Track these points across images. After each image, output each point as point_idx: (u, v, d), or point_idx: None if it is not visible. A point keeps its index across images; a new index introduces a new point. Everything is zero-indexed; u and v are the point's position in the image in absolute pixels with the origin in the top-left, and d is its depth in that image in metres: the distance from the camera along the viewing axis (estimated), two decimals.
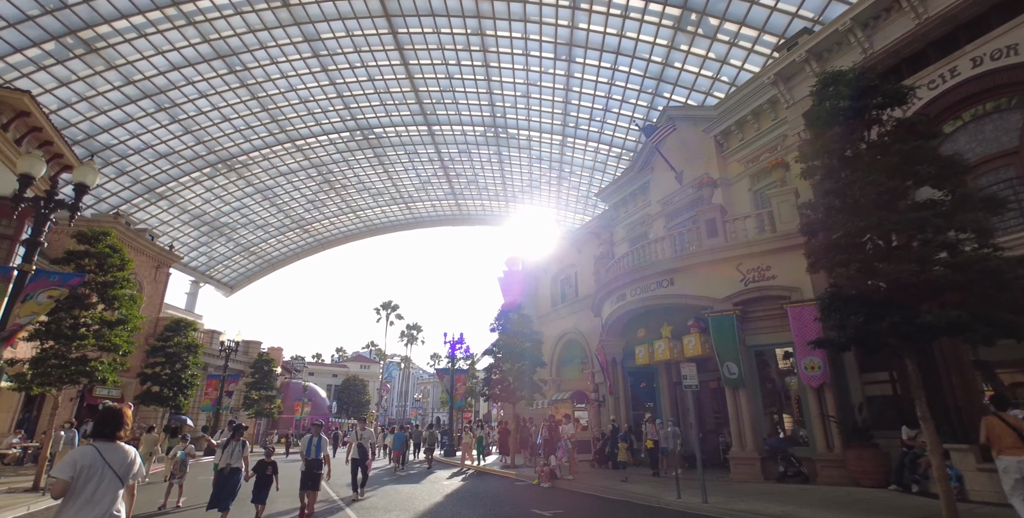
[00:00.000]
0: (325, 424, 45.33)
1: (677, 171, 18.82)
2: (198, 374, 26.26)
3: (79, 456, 3.30)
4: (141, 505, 9.96)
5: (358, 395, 72.28)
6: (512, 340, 19.41)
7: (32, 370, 11.93)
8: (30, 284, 8.89)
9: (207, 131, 30.25)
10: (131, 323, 13.34)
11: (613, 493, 11.45)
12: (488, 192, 42.97)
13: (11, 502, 9.64)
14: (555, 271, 29.44)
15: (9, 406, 18.55)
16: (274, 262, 49.14)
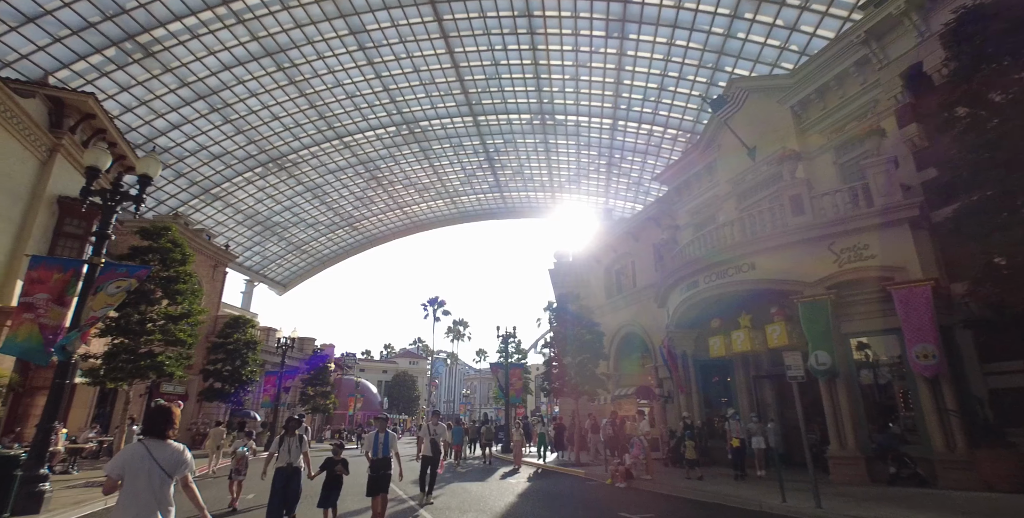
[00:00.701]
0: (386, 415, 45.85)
1: (749, 147, 17.45)
2: (257, 370, 26.65)
3: (127, 454, 3.46)
4: (211, 503, 9.71)
5: (408, 391, 73.07)
6: (572, 332, 18.57)
7: (104, 365, 11.98)
8: (100, 276, 8.73)
9: (258, 130, 30.67)
10: (194, 317, 13.29)
11: (702, 495, 10.49)
12: (534, 183, 42.14)
13: (89, 496, 9.58)
14: (609, 261, 28.35)
15: (85, 402, 19.13)
16: (324, 260, 49.94)
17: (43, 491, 7.56)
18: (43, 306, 8.21)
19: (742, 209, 17.62)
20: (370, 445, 7.77)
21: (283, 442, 7.26)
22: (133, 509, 3.30)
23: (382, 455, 7.67)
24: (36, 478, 7.50)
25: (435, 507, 9.51)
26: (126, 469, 3.38)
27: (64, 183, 16.89)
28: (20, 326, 8.02)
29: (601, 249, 28.58)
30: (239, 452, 9.78)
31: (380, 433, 7.81)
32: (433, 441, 10.13)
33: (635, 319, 24.40)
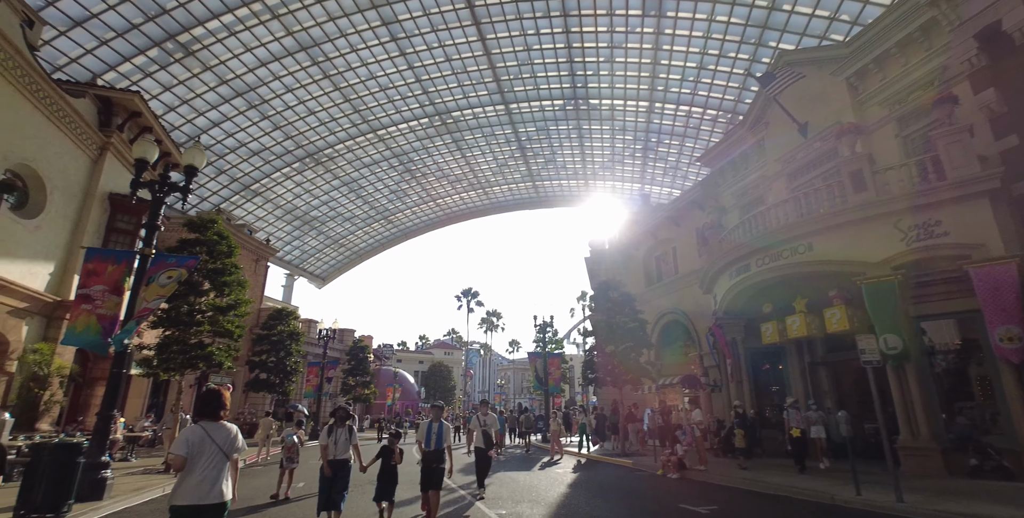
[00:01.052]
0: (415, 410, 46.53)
1: (800, 123, 16.53)
2: (300, 361, 27.20)
3: (189, 434, 3.72)
4: (255, 493, 9.81)
5: (444, 381, 73.85)
6: (614, 320, 18.13)
7: (157, 356, 12.25)
8: (151, 267, 8.82)
9: (294, 126, 31.04)
10: (241, 308, 13.47)
11: (763, 486, 10.00)
12: (567, 171, 41.49)
13: (148, 483, 9.80)
14: (648, 248, 27.66)
15: (140, 392, 19.85)
16: (361, 253, 50.62)
17: (105, 478, 7.71)
18: (99, 297, 8.36)
19: (793, 189, 16.76)
20: (424, 435, 7.27)
21: (332, 433, 6.82)
22: (196, 484, 3.60)
23: (435, 447, 7.16)
24: (98, 465, 7.66)
25: (487, 498, 9.33)
26: (190, 448, 3.66)
27: (114, 180, 17.40)
28: (79, 317, 8.19)
29: (639, 236, 27.90)
30: (288, 440, 9.63)
31: (435, 423, 7.30)
32: (485, 432, 9.53)
33: (677, 306, 23.74)
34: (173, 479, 10.52)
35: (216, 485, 3.65)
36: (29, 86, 13.35)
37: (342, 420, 7.01)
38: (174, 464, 3.67)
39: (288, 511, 7.81)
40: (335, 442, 6.75)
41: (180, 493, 3.59)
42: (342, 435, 6.85)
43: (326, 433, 6.83)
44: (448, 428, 7.39)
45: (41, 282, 14.02)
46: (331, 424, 6.98)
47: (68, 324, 8.22)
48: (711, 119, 30.30)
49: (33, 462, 6.24)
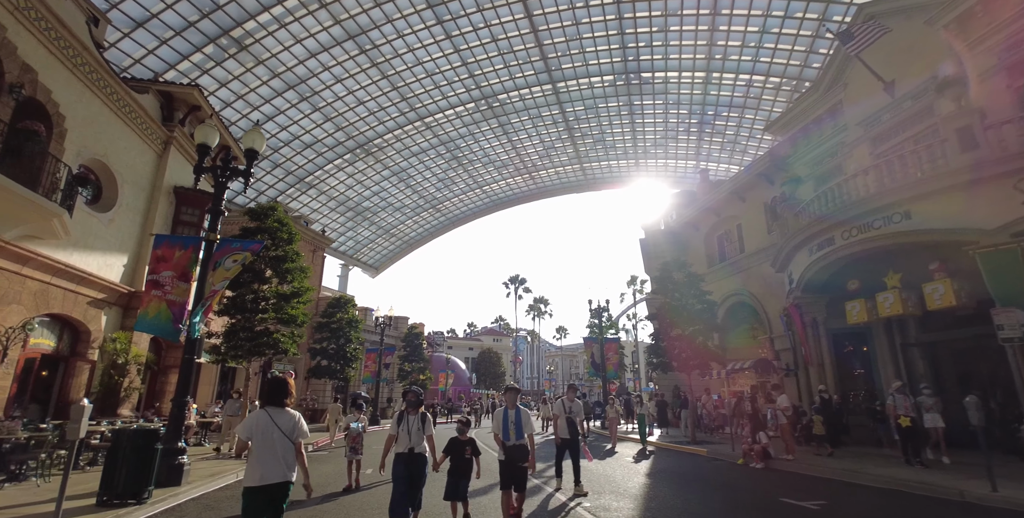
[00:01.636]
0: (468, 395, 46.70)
1: (886, 82, 14.94)
2: (359, 348, 27.65)
3: (254, 419, 3.94)
4: (326, 480, 9.72)
5: (493, 367, 74.30)
6: (680, 303, 17.21)
7: (224, 343, 12.42)
8: (217, 252, 8.74)
9: (344, 117, 31.28)
10: (304, 295, 13.50)
11: (869, 479, 9.06)
12: (616, 150, 40.15)
13: (222, 468, 9.90)
14: (709, 227, 26.30)
15: (209, 379, 20.58)
16: (411, 242, 51.18)
17: (182, 464, 7.73)
18: (168, 283, 8.37)
19: (878, 154, 15.24)
20: (500, 426, 6.11)
21: (402, 421, 5.76)
22: (262, 466, 3.80)
23: (516, 439, 6.00)
24: (175, 451, 7.68)
25: (563, 489, 8.86)
26: (254, 433, 3.88)
27: (178, 174, 17.85)
28: (150, 303, 8.23)
29: (699, 214, 26.56)
30: (353, 429, 9.13)
31: (511, 410, 6.17)
32: (570, 420, 8.31)
33: (743, 287, 22.45)
34: (244, 464, 10.68)
35: (280, 467, 3.86)
36: (97, 82, 13.68)
37: (414, 406, 5.88)
38: (236, 448, 4.14)
39: (362, 500, 7.60)
40: (408, 432, 5.67)
41: (250, 475, 3.84)
42: (415, 424, 5.72)
43: (396, 421, 5.83)
44: (527, 415, 6.30)
45: (116, 273, 14.52)
46: (402, 410, 5.90)
47: (140, 310, 8.27)
48: (774, 87, 28.34)
49: (114, 447, 6.23)
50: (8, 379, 10.87)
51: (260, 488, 3.77)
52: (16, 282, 11.08)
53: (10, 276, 10.91)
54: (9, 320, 10.86)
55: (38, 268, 11.60)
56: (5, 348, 10.71)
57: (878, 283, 13.49)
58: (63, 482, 5.24)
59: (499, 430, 6.14)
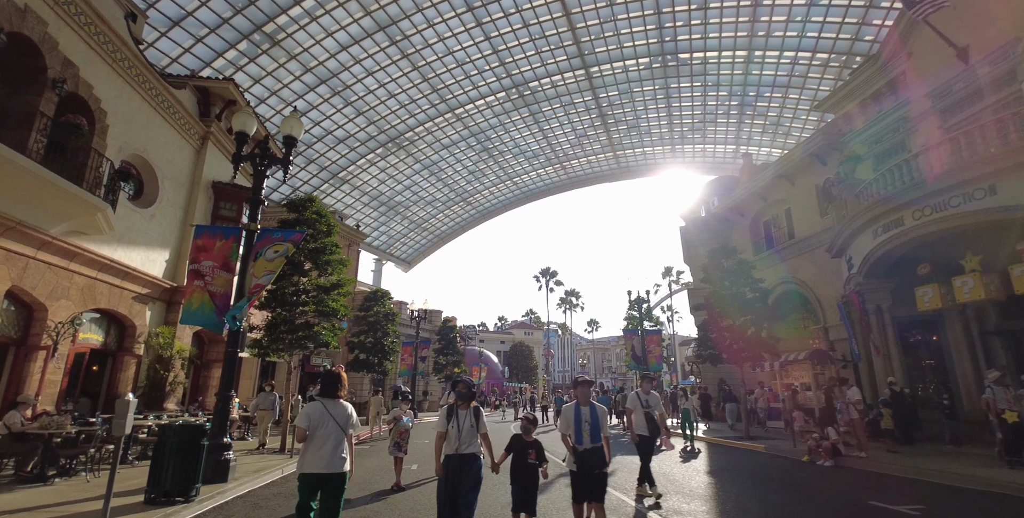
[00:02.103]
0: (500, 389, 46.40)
1: (959, 47, 13.70)
2: (396, 341, 27.62)
3: (311, 410, 4.14)
4: (371, 476, 9.43)
5: (525, 360, 73.94)
6: (730, 291, 16.36)
7: (266, 336, 12.29)
8: (258, 242, 8.49)
9: (376, 110, 31.16)
10: (345, 287, 13.28)
11: (965, 481, 8.20)
12: (651, 137, 38.96)
13: (267, 464, 9.74)
14: (755, 212, 25.14)
15: (250, 373, 20.78)
16: (443, 236, 51.16)
17: (228, 460, 7.52)
18: (210, 273, 8.16)
19: (951, 127, 14.03)
20: (572, 426, 5.05)
21: (452, 416, 4.86)
22: (318, 453, 4.00)
23: (591, 442, 4.94)
24: (221, 447, 7.47)
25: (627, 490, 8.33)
26: (311, 422, 4.08)
27: (216, 170, 17.92)
28: (192, 294, 8.03)
29: (744, 199, 25.41)
30: (401, 425, 8.36)
31: (584, 406, 5.09)
32: (648, 415, 7.33)
33: (793, 275, 21.34)
34: (288, 460, 10.56)
35: (336, 456, 4.05)
36: (136, 78, 13.70)
37: (466, 398, 4.94)
38: (296, 435, 4.13)
39: (413, 499, 7.23)
40: (458, 429, 4.77)
41: (306, 463, 4.04)
42: (466, 420, 4.81)
43: (444, 416, 4.89)
44: (604, 413, 5.19)
45: (159, 269, 14.62)
46: (451, 404, 4.99)
47: (184, 301, 8.09)
48: (821, 64, 26.80)
49: (160, 444, 6.01)
50: (59, 373, 10.97)
51: (317, 476, 4.00)
52: (64, 277, 11.16)
53: (58, 272, 10.99)
54: (58, 315, 10.94)
55: (85, 263, 11.67)
56: (55, 343, 10.80)
57: (953, 266, 12.43)
58: (110, 480, 5.01)
59: (570, 430, 5.05)
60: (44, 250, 10.48)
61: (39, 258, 10.41)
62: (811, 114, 31.25)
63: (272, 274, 8.18)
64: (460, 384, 5.05)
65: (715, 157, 40.21)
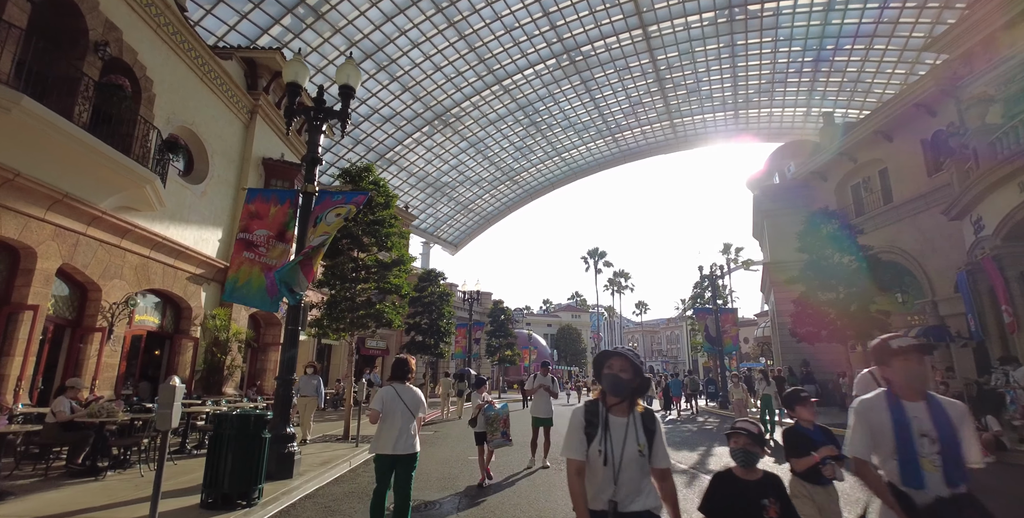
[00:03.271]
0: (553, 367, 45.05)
1: None
2: (452, 322, 26.84)
3: (384, 394, 4.41)
4: (446, 469, 8.38)
5: (574, 343, 72.66)
6: (831, 260, 14.41)
7: (326, 314, 11.40)
8: (317, 206, 7.42)
9: (422, 85, 30.00)
10: (407, 263, 12.23)
11: None
12: (712, 102, 36.21)
13: (332, 454, 8.85)
14: (841, 176, 22.67)
15: (305, 356, 20.30)
16: (488, 218, 50.12)
17: (292, 452, 6.58)
18: (263, 243, 7.16)
19: None
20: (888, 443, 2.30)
21: (595, 430, 2.28)
22: (390, 434, 4.28)
23: (948, 487, 2.17)
24: (284, 438, 6.53)
25: None
26: (384, 405, 4.35)
27: (265, 146, 17.22)
28: (240, 267, 7.04)
29: (826, 162, 22.95)
30: (500, 412, 7.03)
31: (912, 401, 2.33)
32: None
33: (891, 244, 18.96)
34: (354, 449, 9.69)
35: (407, 438, 4.28)
36: (182, 45, 12.90)
37: (625, 392, 2.30)
38: (370, 417, 4.38)
39: (512, 503, 6.07)
40: (612, 460, 2.20)
41: (380, 444, 4.26)
42: (628, 440, 2.24)
43: (579, 428, 2.31)
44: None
45: (212, 248, 14.01)
46: (592, 402, 2.38)
47: (230, 275, 7.11)
48: (916, 5, 23.61)
49: (216, 436, 5.03)
50: (116, 356, 10.43)
51: (387, 456, 4.22)
52: (117, 256, 10.55)
53: (110, 249, 10.37)
54: (112, 295, 10.35)
55: (137, 241, 11.04)
56: (111, 324, 10.22)
57: None
58: (156, 482, 4.02)
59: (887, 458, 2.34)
60: (95, 226, 9.84)
61: (90, 234, 9.78)
62: (898, 67, 27.98)
63: (328, 236, 7.07)
64: (616, 359, 2.32)
65: (782, 122, 37.10)
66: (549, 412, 8.15)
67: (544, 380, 8.33)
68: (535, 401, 8.28)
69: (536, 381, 8.38)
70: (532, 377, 8.59)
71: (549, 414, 8.14)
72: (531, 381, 8.49)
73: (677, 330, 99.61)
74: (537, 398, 8.23)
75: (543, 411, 8.10)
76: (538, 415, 8.13)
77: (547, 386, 8.25)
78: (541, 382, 8.30)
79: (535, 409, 8.21)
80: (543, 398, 8.17)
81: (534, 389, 8.29)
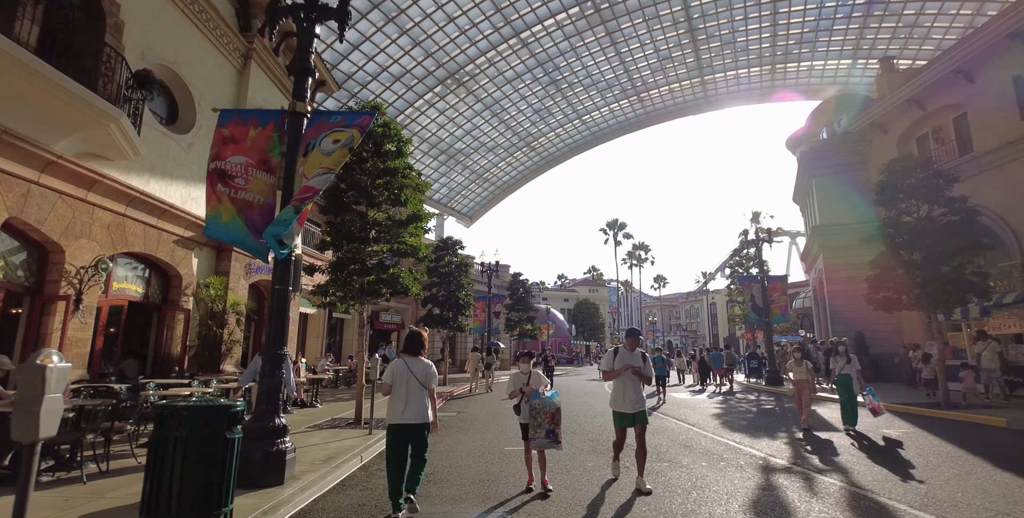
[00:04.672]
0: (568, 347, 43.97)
1: None
2: (471, 294, 25.20)
3: (394, 367, 4.56)
4: (475, 466, 6.75)
5: (591, 318, 71.18)
6: (918, 217, 12.33)
7: (332, 281, 9.71)
8: (309, 130, 5.62)
9: (434, 39, 27.61)
10: (424, 220, 10.41)
11: None
12: (748, 55, 33.28)
13: (340, 447, 7.25)
14: (905, 127, 20.23)
15: (317, 331, 18.88)
16: (505, 187, 48.07)
17: (284, 450, 4.91)
18: (241, 173, 5.37)
19: None
20: None
21: None
22: (398, 404, 4.41)
23: None
24: (273, 431, 4.87)
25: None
26: (395, 378, 4.47)
27: (261, 95, 15.35)
28: (218, 205, 5.27)
29: (887, 112, 20.45)
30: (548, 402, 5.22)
31: None
32: None
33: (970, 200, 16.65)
34: (367, 436, 8.12)
35: (417, 408, 4.42)
36: None
37: None
38: (382, 389, 4.56)
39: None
40: None
41: (392, 414, 4.43)
42: None
43: None
44: None
45: (202, 208, 12.30)
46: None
47: (208, 212, 5.34)
48: None
49: (158, 438, 3.32)
50: (88, 330, 8.86)
51: (400, 426, 4.37)
52: (82, 211, 8.87)
53: (73, 203, 8.68)
54: (79, 258, 8.72)
55: (108, 195, 9.35)
56: (79, 292, 8.61)
57: None
58: (18, 509, 2.32)
59: None
60: (50, 173, 8.13)
61: (44, 183, 8.08)
62: (964, 7, 24.99)
63: (329, 173, 5.28)
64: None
65: (823, 76, 34.14)
66: (640, 403, 5.47)
67: (631, 357, 5.51)
68: (619, 388, 5.49)
69: (617, 359, 5.54)
70: (610, 352, 5.75)
71: (641, 406, 5.47)
72: (610, 359, 5.64)
73: (697, 304, 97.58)
74: (621, 384, 5.47)
75: (631, 402, 5.42)
76: (623, 409, 5.46)
77: (637, 367, 5.43)
78: (627, 361, 5.48)
79: (618, 400, 5.50)
80: (630, 385, 5.46)
81: (617, 371, 5.45)
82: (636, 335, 5.65)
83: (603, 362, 6.02)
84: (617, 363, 5.52)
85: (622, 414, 5.47)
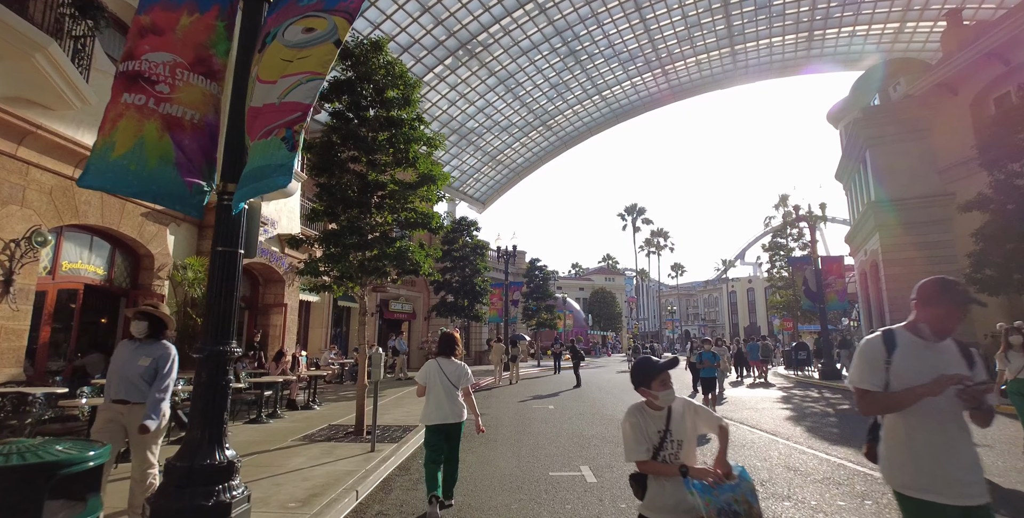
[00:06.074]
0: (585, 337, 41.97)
1: None
2: (488, 280, 23.36)
3: (427, 368, 4.71)
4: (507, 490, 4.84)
5: (608, 308, 69.19)
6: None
7: (326, 254, 7.84)
8: (270, 17, 3.69)
9: (443, 4, 25.52)
10: (439, 182, 8.44)
11: None
12: (785, 21, 30.69)
13: (327, 474, 5.39)
14: (981, 86, 17.85)
15: (321, 321, 17.16)
16: (519, 170, 46.00)
17: (228, 503, 3.03)
18: (166, 79, 3.46)
19: None
20: None
21: None
22: (431, 405, 4.55)
23: None
24: (210, 473, 3.02)
25: None
26: (428, 379, 4.62)
27: None
28: (119, 122, 3.38)
29: (960, 69, 18.04)
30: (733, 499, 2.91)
31: None
32: None
33: None
34: (368, 455, 6.24)
35: (451, 408, 4.53)
36: None
37: None
38: (417, 391, 4.68)
39: None
40: None
41: (427, 416, 4.55)
42: None
43: None
44: None
45: None
46: None
47: (98, 141, 3.42)
48: None
49: None
50: (24, 319, 7.09)
51: (437, 426, 4.50)
52: (10, 170, 7.05)
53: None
54: (6, 229, 6.92)
55: (48, 152, 7.53)
56: (9, 272, 6.84)
57: None
58: None
59: None
60: None
61: None
62: None
63: (316, 79, 3.27)
64: None
65: (866, 41, 31.43)
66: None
67: (938, 359, 1.31)
68: None
69: (903, 362, 1.55)
70: (878, 343, 2.15)
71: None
72: (878, 358, 2.10)
73: (716, 292, 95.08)
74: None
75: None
76: None
77: (966, 378, 1.77)
78: (943, 359, 1.48)
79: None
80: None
81: (926, 391, 1.79)
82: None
83: (859, 369, 2.26)
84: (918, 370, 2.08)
85: None
